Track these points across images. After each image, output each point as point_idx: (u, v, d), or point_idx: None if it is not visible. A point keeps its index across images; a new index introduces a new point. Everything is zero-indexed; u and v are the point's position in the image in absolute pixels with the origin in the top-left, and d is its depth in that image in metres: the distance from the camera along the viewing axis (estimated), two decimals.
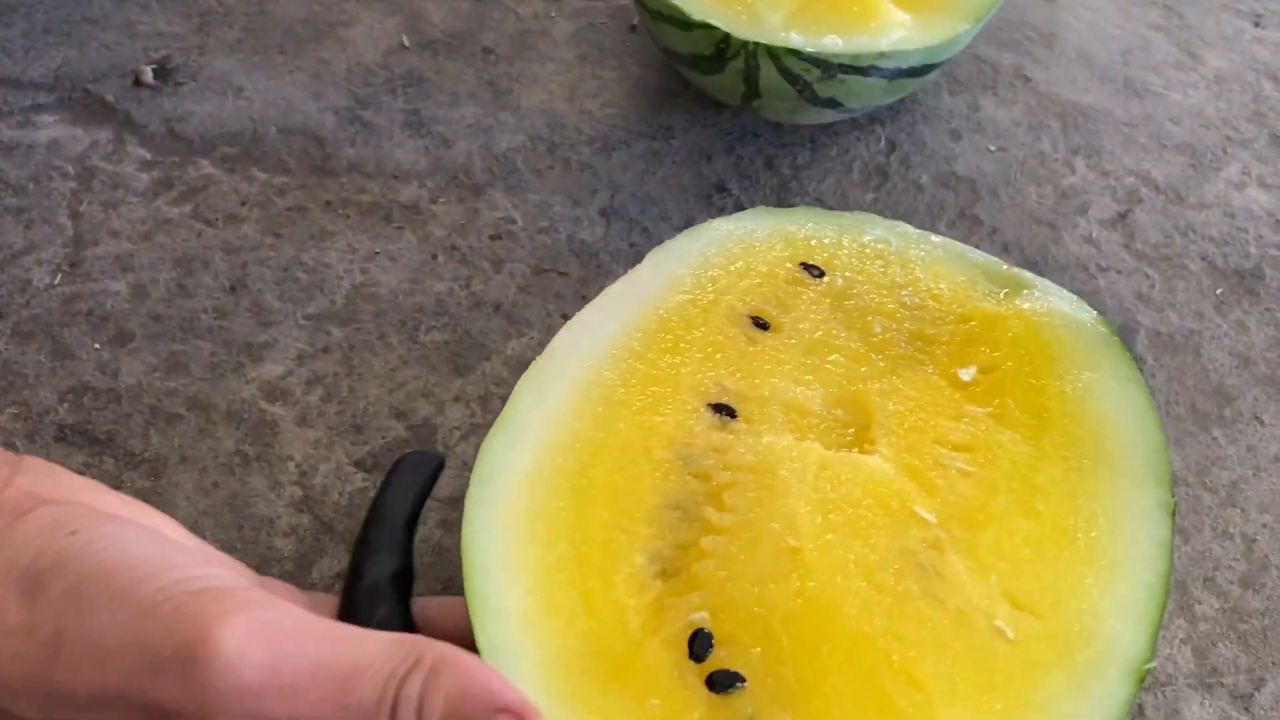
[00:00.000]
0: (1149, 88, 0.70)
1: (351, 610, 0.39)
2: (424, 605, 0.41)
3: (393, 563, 0.39)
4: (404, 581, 0.40)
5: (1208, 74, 0.71)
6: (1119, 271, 0.61)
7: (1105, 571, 0.40)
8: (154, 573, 0.32)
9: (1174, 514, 0.42)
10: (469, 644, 0.40)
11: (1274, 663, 0.47)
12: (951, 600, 0.39)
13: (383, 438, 0.52)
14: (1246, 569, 0.50)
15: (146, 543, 0.34)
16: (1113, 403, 0.45)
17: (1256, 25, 0.74)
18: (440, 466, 0.43)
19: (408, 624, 0.39)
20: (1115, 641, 0.38)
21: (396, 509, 0.41)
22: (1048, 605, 0.39)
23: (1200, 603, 0.49)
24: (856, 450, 0.43)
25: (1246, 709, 0.46)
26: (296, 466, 0.51)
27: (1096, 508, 0.42)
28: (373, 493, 0.50)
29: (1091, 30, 0.74)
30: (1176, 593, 0.49)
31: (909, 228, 0.52)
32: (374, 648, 0.32)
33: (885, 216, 0.53)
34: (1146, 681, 0.46)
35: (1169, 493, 0.42)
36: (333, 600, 0.40)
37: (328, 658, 0.31)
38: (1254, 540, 0.51)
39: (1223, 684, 0.47)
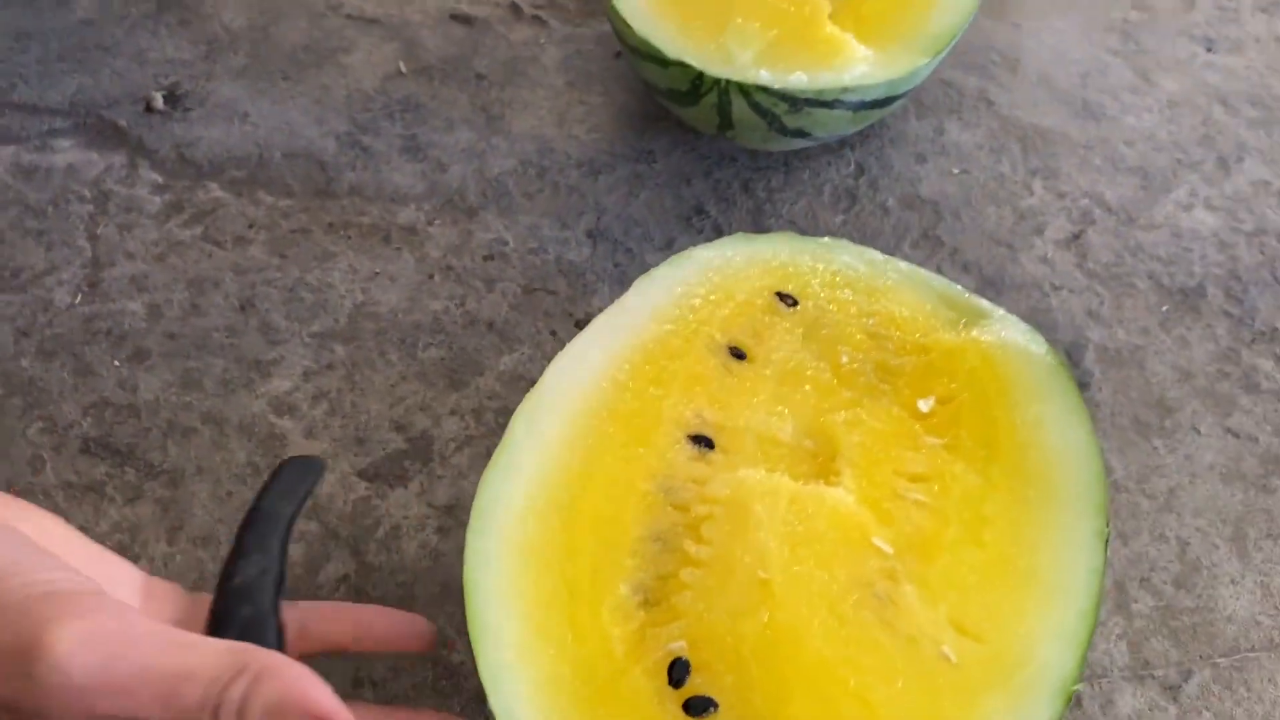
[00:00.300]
0: (1105, 111, 0.74)
1: (220, 609, 0.41)
2: (304, 609, 0.44)
3: (261, 565, 0.41)
4: (273, 583, 0.42)
5: (1161, 98, 0.75)
6: (1071, 290, 0.65)
7: (1042, 597, 0.44)
8: (3, 576, 0.35)
9: (1108, 541, 0.46)
10: (342, 647, 0.43)
11: (1201, 656, 0.52)
12: (903, 627, 0.43)
13: (384, 450, 0.57)
14: (1180, 570, 0.54)
15: (3, 547, 0.36)
16: (1058, 436, 0.48)
17: (1209, 50, 0.78)
18: (320, 473, 0.45)
19: (274, 624, 0.41)
20: (1048, 664, 0.42)
21: (272, 514, 0.43)
22: (989, 630, 0.43)
23: (1136, 601, 0.53)
24: (822, 481, 0.46)
25: (1175, 699, 0.50)
26: None
27: (1038, 537, 0.45)
28: (375, 502, 0.55)
29: (1053, 54, 0.78)
30: (1115, 592, 0.53)
31: (876, 254, 0.55)
32: (206, 655, 0.34)
33: (853, 238, 0.57)
34: (1080, 683, 0.50)
35: (1105, 522, 0.46)
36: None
37: (159, 662, 0.34)
38: (1188, 543, 0.55)
39: (1154, 676, 0.51)
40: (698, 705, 0.40)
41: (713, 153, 0.70)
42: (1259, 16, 0.81)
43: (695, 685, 0.41)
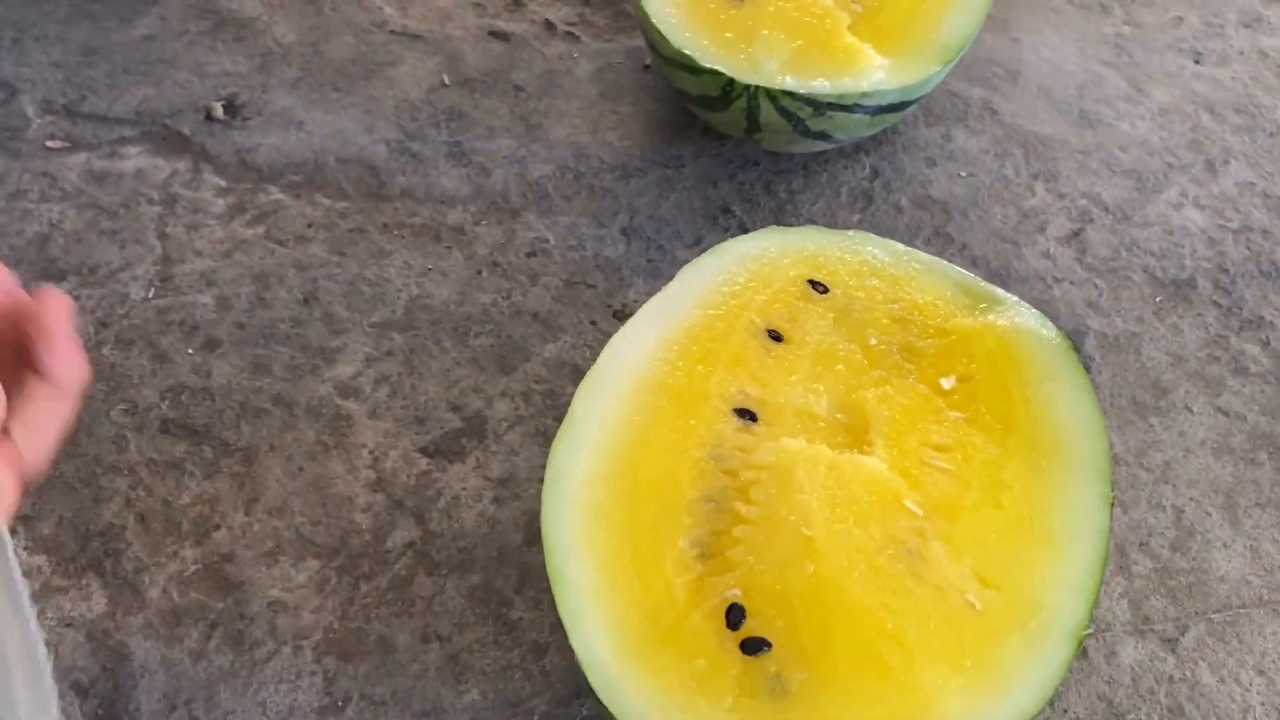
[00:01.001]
0: (1101, 119, 0.80)
1: None
2: None
3: None
4: None
5: (1153, 106, 0.81)
6: (1072, 282, 0.70)
7: (1055, 553, 0.48)
8: None
9: (1112, 505, 0.50)
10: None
11: (1196, 612, 0.56)
12: (932, 578, 0.47)
13: (442, 428, 0.61)
14: (1175, 535, 0.59)
15: None
16: (1067, 411, 0.53)
17: (1196, 62, 0.84)
18: None
19: None
20: (1060, 611, 0.47)
21: None
22: (1008, 582, 0.48)
23: (1136, 563, 0.58)
24: (856, 451, 0.51)
25: (1173, 651, 0.55)
26: (369, 453, 0.60)
27: (1050, 500, 0.50)
28: (436, 475, 0.59)
29: (1051, 67, 0.83)
30: (1116, 555, 0.58)
31: (898, 245, 0.60)
32: None
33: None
34: (1089, 628, 0.55)
35: (1109, 488, 0.50)
36: None
37: None
38: (1182, 511, 0.60)
39: (1153, 630, 0.56)
40: (753, 645, 0.45)
41: (737, 157, 0.76)
42: (1243, 31, 0.87)
43: (750, 628, 0.46)
